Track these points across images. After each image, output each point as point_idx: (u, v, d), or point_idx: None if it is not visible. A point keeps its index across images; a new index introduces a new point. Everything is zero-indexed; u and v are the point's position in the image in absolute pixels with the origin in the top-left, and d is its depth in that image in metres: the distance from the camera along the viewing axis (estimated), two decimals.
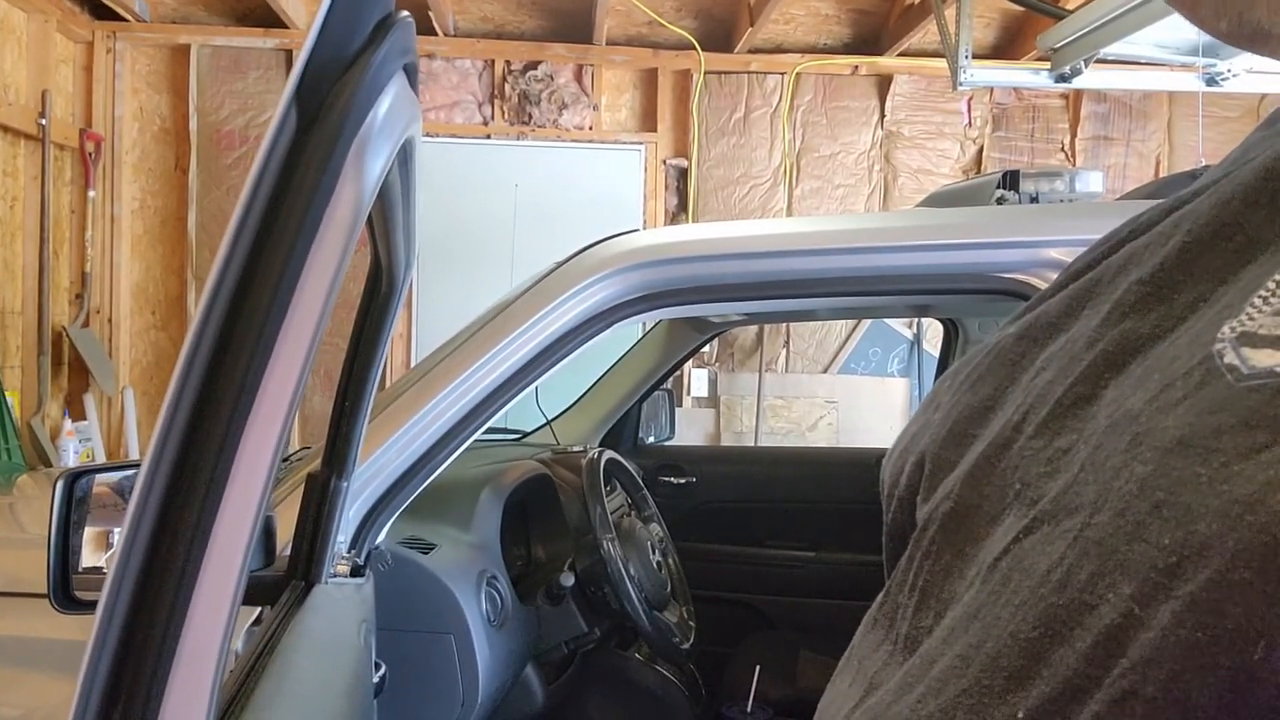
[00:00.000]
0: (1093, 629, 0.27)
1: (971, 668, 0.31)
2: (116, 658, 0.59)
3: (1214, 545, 0.25)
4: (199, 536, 0.60)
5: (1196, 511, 0.26)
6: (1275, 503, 0.24)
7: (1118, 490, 0.29)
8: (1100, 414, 0.33)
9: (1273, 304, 0.28)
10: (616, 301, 1.52)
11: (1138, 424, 0.30)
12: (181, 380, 0.60)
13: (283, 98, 0.63)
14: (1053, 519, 0.31)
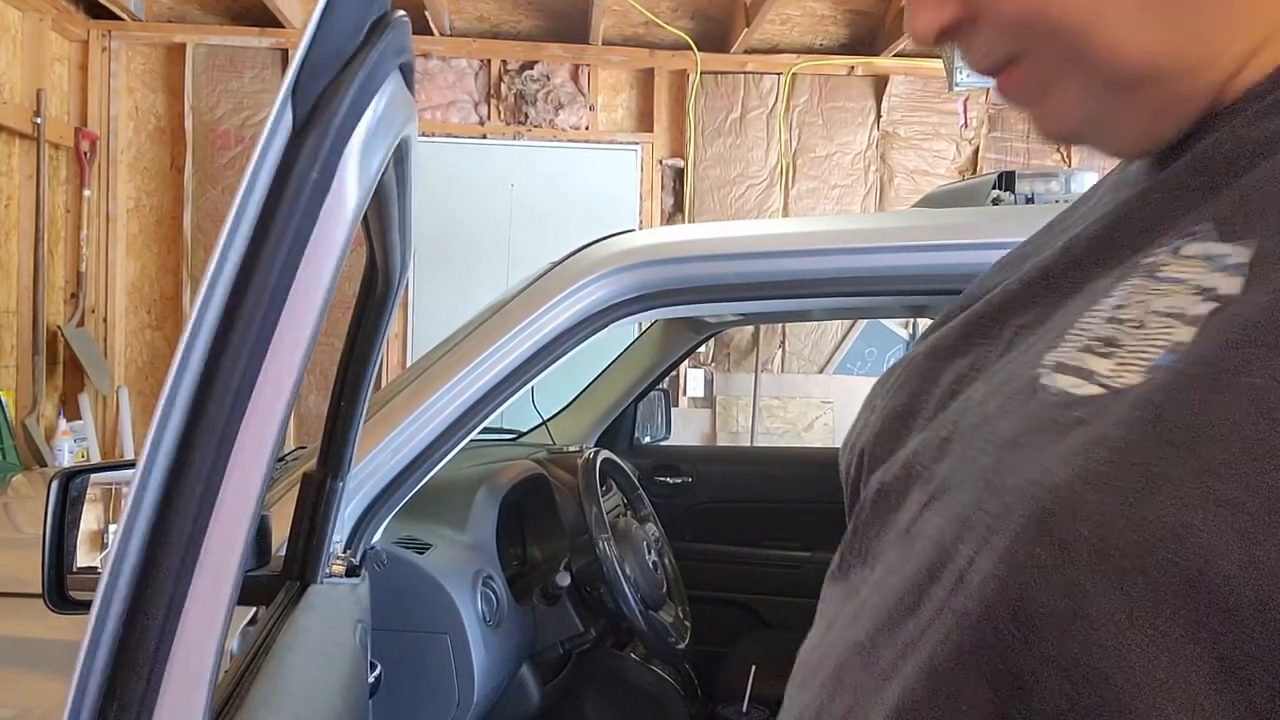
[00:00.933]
0: (952, 573, 0.39)
1: (887, 603, 0.44)
2: (111, 658, 0.59)
3: (1014, 511, 0.37)
4: (194, 536, 0.60)
5: (1009, 489, 0.38)
6: (1048, 483, 0.36)
7: (972, 476, 0.41)
8: (971, 412, 0.46)
9: (1078, 341, 0.41)
10: (612, 301, 1.52)
11: (988, 426, 0.43)
12: (176, 380, 0.60)
13: (278, 97, 0.63)
14: (939, 495, 0.44)
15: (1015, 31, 0.46)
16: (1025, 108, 0.49)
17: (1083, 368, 0.41)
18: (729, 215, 5.05)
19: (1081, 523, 0.36)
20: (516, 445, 2.59)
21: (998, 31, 0.46)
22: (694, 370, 5.05)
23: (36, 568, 1.22)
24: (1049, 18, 0.44)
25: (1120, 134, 0.47)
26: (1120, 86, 0.45)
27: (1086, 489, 0.36)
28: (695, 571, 2.48)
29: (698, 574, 2.50)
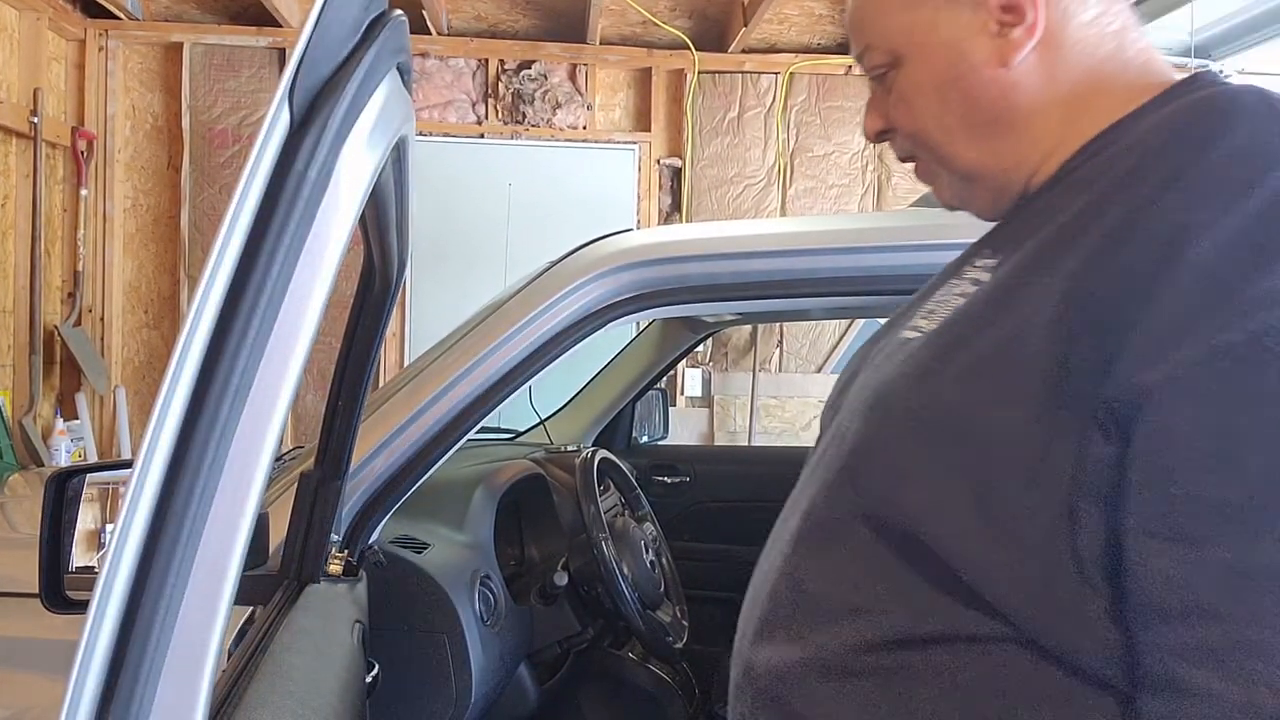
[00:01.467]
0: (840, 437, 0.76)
1: (801, 510, 0.77)
2: (108, 658, 0.59)
3: (870, 395, 0.74)
4: (191, 536, 0.60)
5: (871, 388, 0.75)
6: (887, 378, 0.72)
7: (861, 389, 0.77)
8: (870, 362, 0.81)
9: (921, 313, 0.76)
10: (610, 301, 1.52)
11: (871, 367, 0.79)
12: (174, 379, 0.59)
13: (276, 96, 0.63)
14: (839, 426, 0.78)
15: (911, 142, 0.83)
16: (932, 187, 0.86)
17: (917, 325, 0.77)
18: (727, 215, 5.05)
19: (896, 396, 0.71)
20: (514, 445, 2.59)
21: (902, 140, 0.83)
22: (692, 370, 5.05)
23: (33, 567, 1.22)
24: (921, 138, 0.81)
25: (977, 207, 0.84)
26: (968, 180, 0.81)
27: (902, 378, 0.72)
28: (693, 571, 2.48)
29: (695, 573, 2.50)
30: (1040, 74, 0.76)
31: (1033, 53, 0.75)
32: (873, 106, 0.83)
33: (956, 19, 0.76)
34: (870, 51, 0.81)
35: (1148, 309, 0.58)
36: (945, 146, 0.79)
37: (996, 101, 0.76)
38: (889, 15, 0.79)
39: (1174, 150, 0.66)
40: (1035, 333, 0.63)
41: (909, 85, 0.79)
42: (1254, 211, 0.59)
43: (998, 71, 0.76)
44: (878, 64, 0.81)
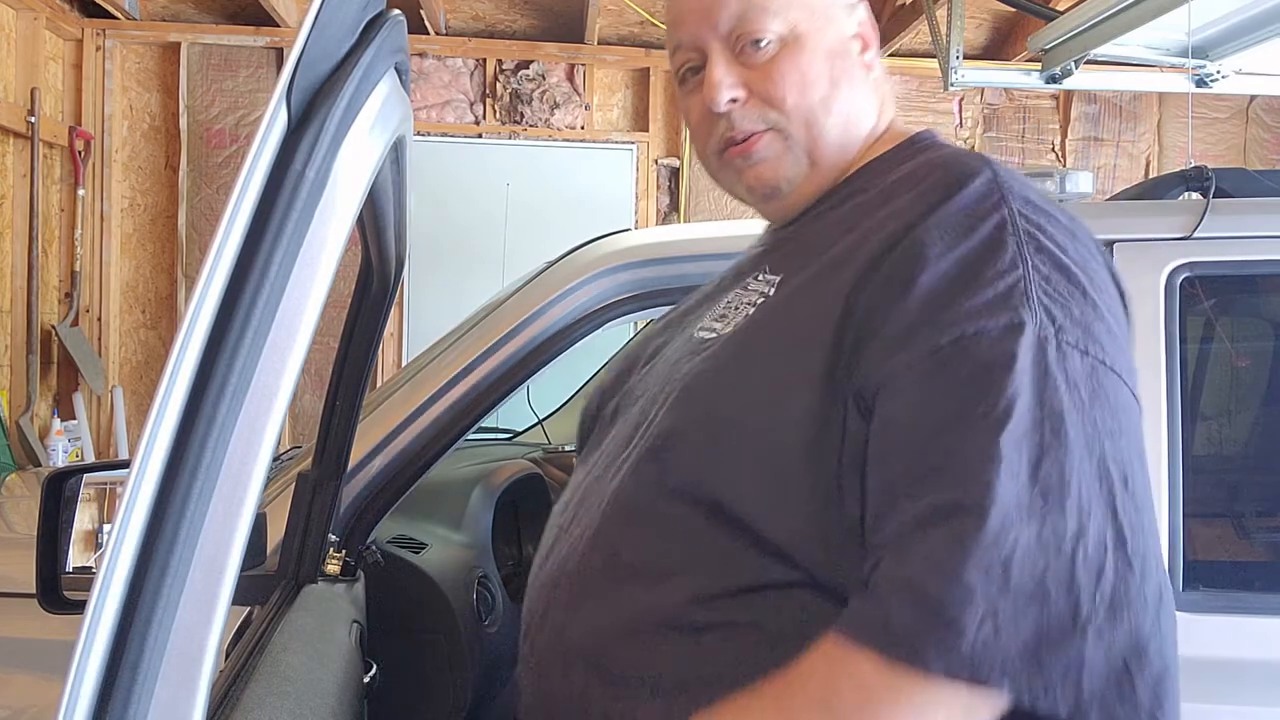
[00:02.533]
0: (646, 423, 0.87)
1: (610, 451, 0.91)
2: (105, 658, 0.59)
3: (674, 388, 0.86)
4: (189, 536, 0.60)
5: (672, 380, 0.88)
6: (688, 373, 0.85)
7: (659, 381, 0.91)
8: (662, 358, 0.95)
9: (712, 316, 0.91)
10: (607, 301, 1.52)
11: (668, 360, 0.93)
12: (171, 379, 0.59)
13: (274, 96, 0.63)
14: (642, 395, 0.92)
15: (778, 111, 0.89)
16: (755, 165, 0.92)
17: (711, 327, 0.89)
18: (724, 215, 5.05)
19: (701, 390, 0.83)
20: (512, 445, 2.59)
21: (763, 109, 0.89)
22: None
23: (31, 568, 1.22)
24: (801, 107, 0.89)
25: (792, 200, 0.94)
26: (813, 163, 0.91)
27: (705, 374, 0.84)
28: None
29: None
30: (875, 96, 0.95)
31: (873, 77, 0.95)
32: (728, 74, 0.89)
33: (843, 22, 0.93)
34: (762, 16, 0.88)
35: (887, 321, 0.74)
36: (823, 122, 0.90)
37: (861, 101, 0.93)
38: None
39: (919, 200, 0.80)
40: (815, 339, 0.78)
41: (804, 58, 0.89)
42: (970, 251, 0.75)
43: (866, 77, 0.94)
44: (770, 31, 0.88)
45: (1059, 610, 0.66)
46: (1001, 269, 0.74)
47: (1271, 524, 1.65)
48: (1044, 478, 0.68)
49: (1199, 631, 1.31)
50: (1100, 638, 0.66)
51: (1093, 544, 0.68)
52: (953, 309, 0.72)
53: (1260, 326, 1.73)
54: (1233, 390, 1.69)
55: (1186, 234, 1.42)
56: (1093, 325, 0.75)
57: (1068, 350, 0.72)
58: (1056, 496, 0.68)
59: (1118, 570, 0.68)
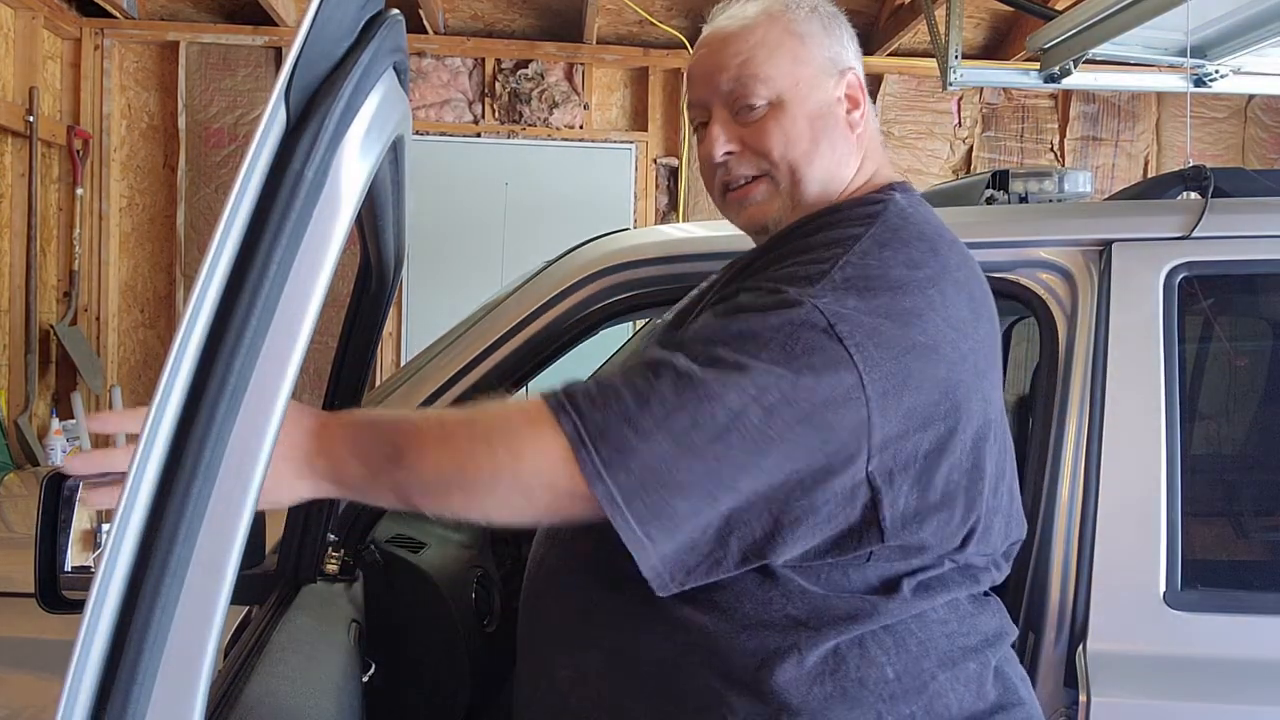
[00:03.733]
0: None
1: None
2: (104, 657, 0.59)
3: None
4: (187, 536, 0.60)
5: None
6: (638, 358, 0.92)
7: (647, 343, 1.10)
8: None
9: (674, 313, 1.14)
10: (606, 301, 1.52)
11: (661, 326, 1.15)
12: (170, 379, 0.59)
13: (272, 95, 0.62)
14: None
15: (767, 162, 1.06)
16: (748, 207, 1.09)
17: (665, 319, 1.13)
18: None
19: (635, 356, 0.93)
20: None
21: (757, 161, 1.07)
22: None
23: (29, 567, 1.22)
24: (788, 159, 1.05)
25: (781, 224, 1.08)
26: (797, 204, 1.07)
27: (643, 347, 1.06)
28: None
29: None
30: (857, 151, 1.10)
31: (858, 135, 1.09)
32: (723, 132, 1.08)
33: (828, 87, 1.08)
34: (754, 84, 1.05)
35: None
36: (807, 174, 1.06)
37: (841, 156, 1.08)
38: (783, 64, 1.06)
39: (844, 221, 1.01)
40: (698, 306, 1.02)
41: (787, 121, 1.06)
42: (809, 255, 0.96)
43: (847, 136, 1.09)
44: (760, 96, 1.05)
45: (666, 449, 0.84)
46: (818, 259, 0.94)
47: (1270, 523, 1.65)
48: (721, 371, 0.86)
49: (1198, 631, 1.31)
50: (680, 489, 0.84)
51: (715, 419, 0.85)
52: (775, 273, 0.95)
53: (1259, 326, 1.73)
54: (1231, 390, 1.69)
55: (1185, 234, 1.42)
56: (856, 311, 0.90)
57: (812, 315, 0.88)
58: (716, 388, 0.85)
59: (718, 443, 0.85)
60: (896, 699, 0.92)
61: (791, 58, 1.06)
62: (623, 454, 0.82)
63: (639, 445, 0.83)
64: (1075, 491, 1.36)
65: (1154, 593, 1.31)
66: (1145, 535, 1.33)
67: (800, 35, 1.07)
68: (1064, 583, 1.34)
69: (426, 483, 0.86)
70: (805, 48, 1.07)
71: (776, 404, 0.85)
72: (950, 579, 0.98)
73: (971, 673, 0.96)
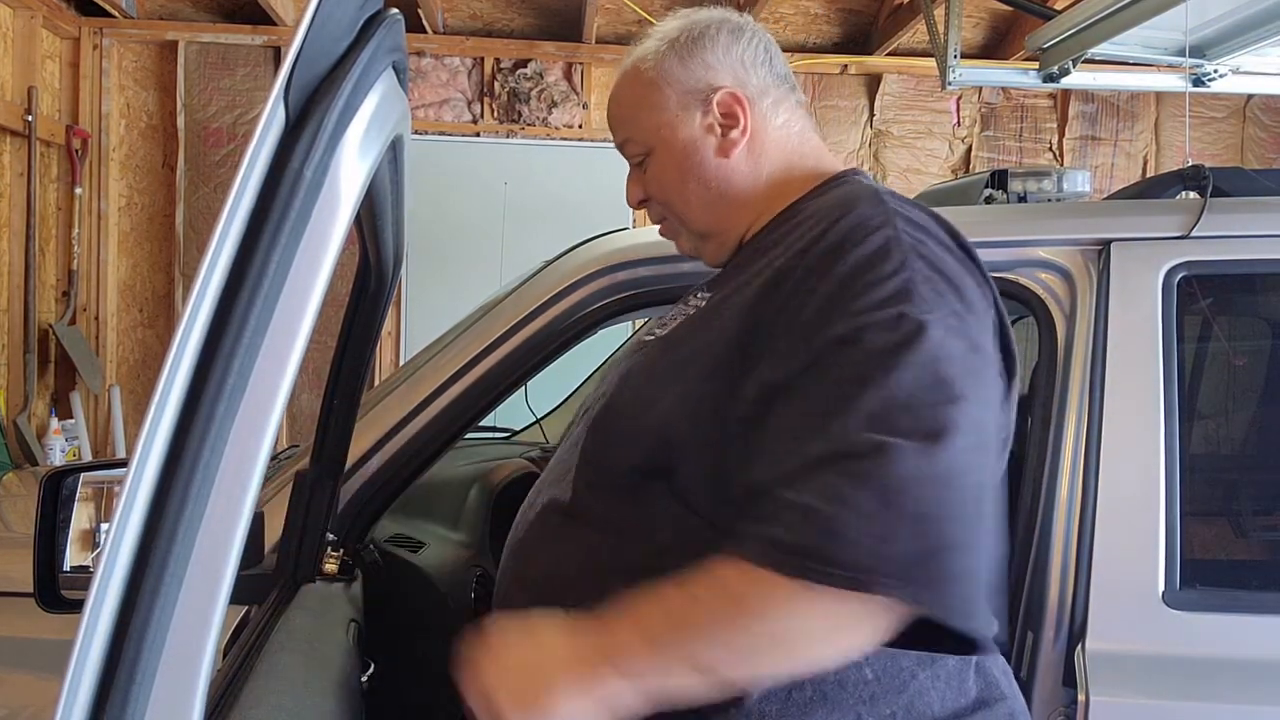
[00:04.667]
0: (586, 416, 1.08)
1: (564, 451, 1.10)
2: (103, 657, 0.59)
3: (610, 383, 1.07)
4: (186, 535, 0.60)
5: (615, 385, 1.05)
6: (623, 370, 1.06)
7: (608, 386, 1.07)
8: (616, 366, 1.10)
9: (659, 324, 1.11)
10: (605, 301, 1.52)
11: (619, 369, 1.07)
12: (169, 378, 0.59)
13: (271, 94, 0.62)
14: (584, 405, 1.13)
15: (662, 209, 1.13)
16: (675, 241, 1.17)
17: (654, 333, 1.08)
18: None
19: (626, 376, 1.04)
20: (510, 444, 2.59)
21: (656, 206, 1.14)
22: None
23: (28, 567, 1.22)
24: (669, 207, 1.14)
25: (708, 257, 1.14)
26: (703, 237, 1.13)
27: (639, 365, 1.03)
28: None
29: None
30: (749, 163, 1.09)
31: (744, 149, 1.08)
32: (633, 181, 1.14)
33: (691, 121, 1.08)
34: (629, 143, 1.12)
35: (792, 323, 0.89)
36: (685, 213, 1.11)
37: (720, 183, 1.09)
38: (641, 117, 1.09)
39: (820, 223, 0.96)
40: (724, 339, 0.94)
41: (659, 169, 1.10)
42: (854, 260, 0.89)
43: (721, 161, 1.08)
44: (636, 153, 1.11)
45: (939, 530, 0.78)
46: (890, 271, 0.88)
47: (1268, 523, 1.65)
48: (928, 431, 0.81)
49: (1196, 630, 1.31)
50: (967, 553, 0.80)
51: (968, 483, 0.82)
52: (850, 306, 0.87)
53: (1257, 326, 1.73)
54: (1230, 389, 1.69)
55: (1184, 233, 1.42)
56: (965, 316, 0.90)
57: (950, 333, 0.87)
58: (940, 446, 0.81)
59: (980, 501, 0.83)
60: (876, 699, 0.92)
61: (649, 108, 1.09)
62: (946, 577, 0.78)
63: (956, 565, 0.78)
64: (1074, 491, 1.36)
65: (1153, 592, 1.32)
66: (1144, 535, 1.33)
67: (654, 83, 1.09)
68: (1063, 582, 1.34)
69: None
70: (661, 93, 1.08)
71: (981, 442, 0.85)
72: None
73: (952, 669, 0.96)
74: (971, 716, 0.96)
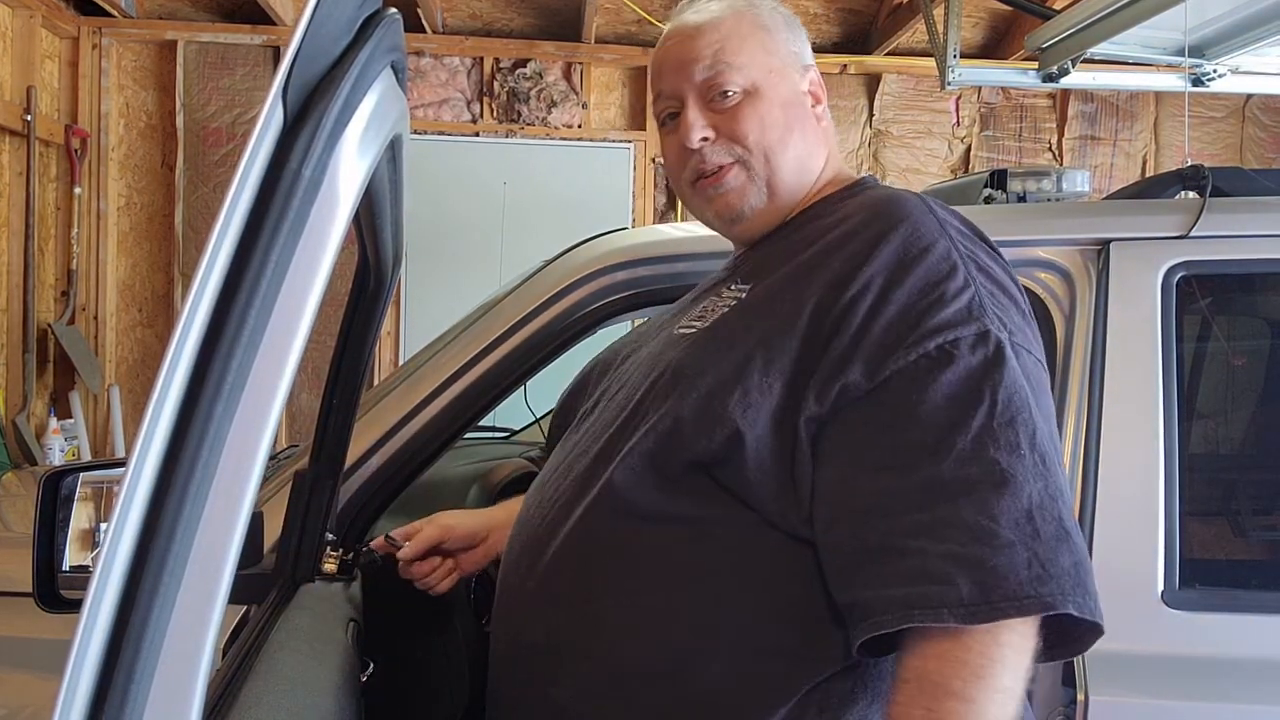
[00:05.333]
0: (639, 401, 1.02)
1: (599, 427, 1.06)
2: (102, 656, 0.59)
3: (662, 372, 1.01)
4: (185, 535, 0.60)
5: (658, 366, 1.03)
6: (672, 360, 1.01)
7: (642, 370, 1.06)
8: (639, 354, 1.13)
9: (690, 316, 1.07)
10: (605, 300, 1.52)
11: (650, 353, 1.08)
12: (168, 378, 0.59)
13: (270, 94, 0.62)
14: (626, 383, 1.08)
15: (743, 148, 1.07)
16: (724, 193, 1.09)
17: (691, 325, 1.04)
18: None
19: (679, 370, 0.98)
20: (509, 443, 2.59)
21: (730, 147, 1.07)
22: None
23: (27, 566, 1.22)
24: (762, 145, 1.06)
25: (746, 228, 1.11)
26: (773, 193, 1.08)
27: (682, 360, 0.99)
28: None
29: None
30: (825, 143, 1.12)
31: (823, 128, 1.12)
32: (700, 118, 1.08)
33: (797, 79, 1.11)
34: (729, 72, 1.07)
35: (865, 337, 0.90)
36: (780, 161, 1.08)
37: (815, 145, 1.11)
38: (756, 53, 1.08)
39: (874, 226, 0.96)
40: (785, 332, 0.94)
41: (763, 109, 1.07)
42: (927, 273, 0.91)
43: (817, 127, 1.11)
44: (737, 85, 1.07)
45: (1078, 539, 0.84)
46: (959, 287, 0.91)
47: (1268, 522, 1.65)
48: (1038, 447, 0.86)
49: (1195, 630, 1.32)
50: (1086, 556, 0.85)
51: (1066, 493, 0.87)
52: (928, 322, 0.89)
53: (1257, 325, 1.73)
54: (1229, 389, 1.70)
55: (1183, 233, 1.42)
56: (1025, 329, 0.94)
57: (1019, 350, 0.91)
58: (1046, 460, 0.86)
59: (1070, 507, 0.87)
60: None
61: (762, 48, 1.08)
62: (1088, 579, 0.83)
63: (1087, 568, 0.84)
64: (1073, 490, 1.36)
65: (1152, 592, 1.32)
66: (1143, 534, 1.33)
67: (768, 28, 1.10)
68: None
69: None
70: (773, 40, 1.10)
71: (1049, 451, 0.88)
72: None
73: None
74: None
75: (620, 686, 0.96)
